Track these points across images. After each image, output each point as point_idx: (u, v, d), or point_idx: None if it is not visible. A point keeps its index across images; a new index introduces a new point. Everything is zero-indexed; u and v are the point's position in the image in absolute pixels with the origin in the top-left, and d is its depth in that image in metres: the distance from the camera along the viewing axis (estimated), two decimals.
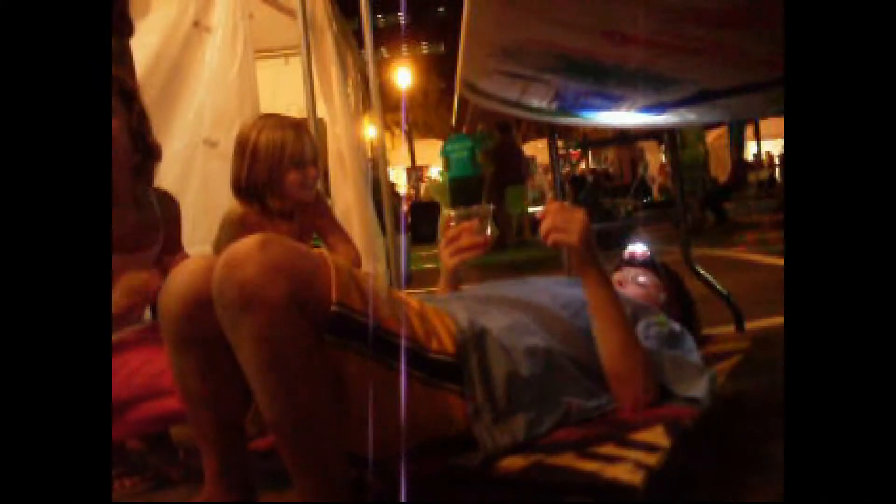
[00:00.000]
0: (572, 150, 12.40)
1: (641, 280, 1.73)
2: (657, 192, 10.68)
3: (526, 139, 13.82)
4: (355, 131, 4.02)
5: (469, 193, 7.71)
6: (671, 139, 2.71)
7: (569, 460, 1.10)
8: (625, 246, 1.83)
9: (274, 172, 1.76)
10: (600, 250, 1.34)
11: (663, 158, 10.98)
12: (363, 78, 4.73)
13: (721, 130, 13.47)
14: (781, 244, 5.19)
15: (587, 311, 1.36)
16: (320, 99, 3.52)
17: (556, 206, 1.32)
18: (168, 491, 1.61)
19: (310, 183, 1.80)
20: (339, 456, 1.07)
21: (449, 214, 1.59)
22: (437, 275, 1.66)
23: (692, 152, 7.78)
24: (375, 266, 3.74)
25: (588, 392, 1.32)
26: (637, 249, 1.80)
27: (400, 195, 10.42)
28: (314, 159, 1.81)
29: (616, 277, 1.76)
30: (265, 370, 1.00)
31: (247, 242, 1.02)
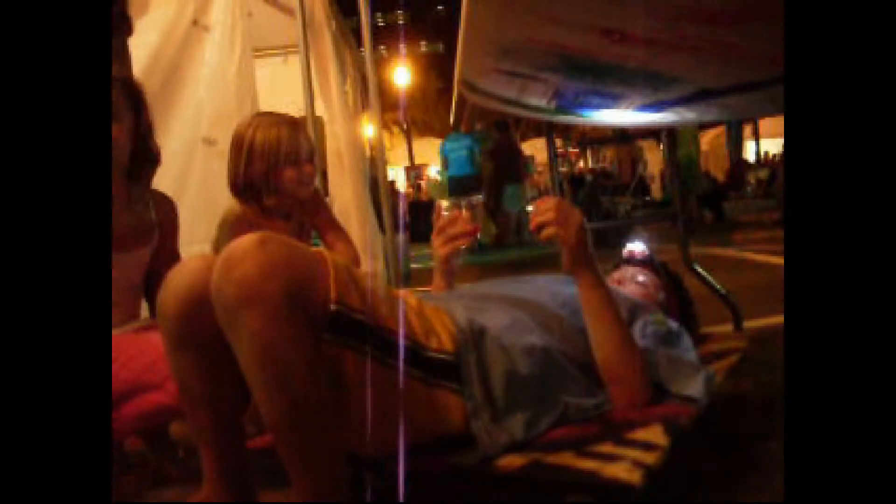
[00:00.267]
0: (571, 149, 12.39)
1: (640, 279, 1.73)
2: (656, 191, 10.68)
3: (525, 138, 13.82)
4: (354, 130, 4.02)
5: (468, 192, 7.71)
6: (670, 138, 2.71)
7: (567, 459, 1.10)
8: (623, 245, 1.84)
9: (270, 170, 1.75)
10: (599, 249, 1.34)
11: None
12: (362, 76, 4.73)
13: (720, 129, 13.49)
14: (780, 243, 5.19)
15: (583, 312, 1.36)
16: (319, 97, 3.51)
17: (557, 201, 1.33)
18: (166, 489, 1.60)
19: (306, 180, 1.79)
20: (338, 455, 1.07)
21: (441, 204, 1.60)
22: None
23: (686, 151, 7.78)
24: (374, 265, 3.74)
25: (586, 391, 1.33)
26: (636, 248, 1.81)
27: (399, 193, 10.41)
28: (311, 156, 1.80)
29: (615, 276, 1.77)
30: (263, 369, 1.00)
31: (245, 241, 1.02)
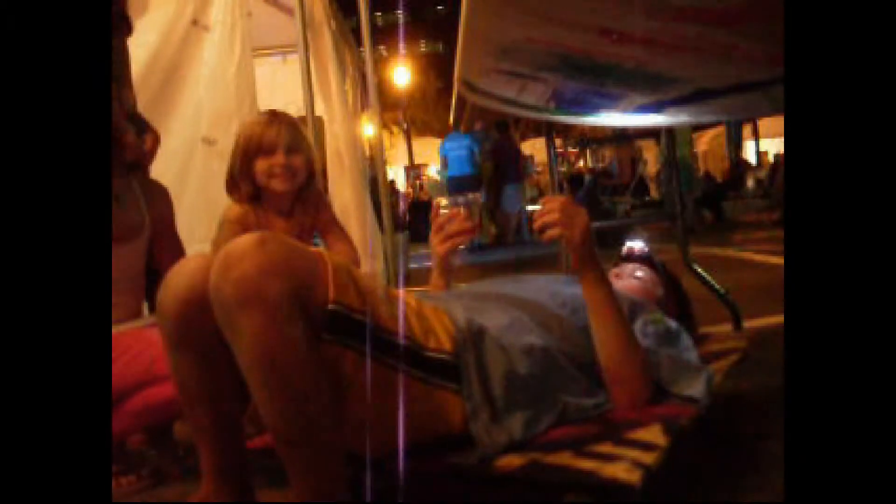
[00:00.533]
0: (570, 149, 12.38)
1: (639, 274, 1.74)
2: (655, 191, 10.67)
3: (524, 138, 13.81)
4: (353, 130, 4.02)
5: (467, 191, 7.70)
6: (669, 137, 2.72)
7: (566, 459, 1.10)
8: (623, 244, 1.84)
9: (244, 161, 1.80)
10: (598, 249, 1.34)
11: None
12: (361, 76, 4.72)
13: (719, 129, 13.48)
14: (779, 243, 5.20)
15: (587, 311, 1.36)
16: (318, 97, 3.51)
17: (562, 200, 1.32)
18: (165, 489, 1.60)
19: (276, 171, 1.78)
20: (337, 455, 1.07)
21: (439, 202, 1.60)
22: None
23: (680, 153, 7.78)
24: (373, 264, 3.74)
25: (586, 391, 1.33)
26: (636, 245, 1.82)
27: (398, 193, 10.41)
28: (288, 148, 1.79)
29: (614, 271, 1.77)
30: (262, 368, 1.00)
31: (244, 240, 1.02)
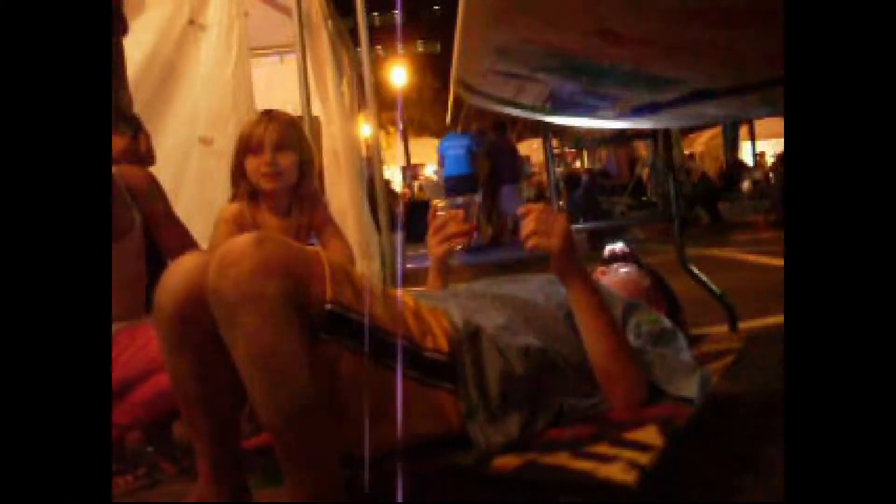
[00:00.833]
0: (567, 150, 12.39)
1: (623, 270, 1.75)
2: (651, 192, 10.68)
3: (521, 138, 13.81)
4: (350, 130, 4.03)
5: (464, 192, 7.71)
6: (665, 138, 2.72)
7: (562, 459, 1.10)
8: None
9: (237, 159, 1.83)
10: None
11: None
12: (358, 76, 4.73)
13: (716, 131, 13.51)
14: (775, 244, 5.21)
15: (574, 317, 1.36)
16: (315, 97, 3.52)
17: (538, 209, 1.31)
18: (162, 489, 1.60)
19: (264, 170, 1.79)
20: (334, 454, 1.07)
21: (436, 204, 1.60)
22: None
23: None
24: (370, 264, 3.74)
25: (582, 391, 1.33)
26: (616, 247, 1.85)
27: (395, 193, 10.40)
28: (276, 147, 1.79)
29: (599, 269, 1.80)
30: (259, 368, 1.00)
31: (242, 240, 1.02)
